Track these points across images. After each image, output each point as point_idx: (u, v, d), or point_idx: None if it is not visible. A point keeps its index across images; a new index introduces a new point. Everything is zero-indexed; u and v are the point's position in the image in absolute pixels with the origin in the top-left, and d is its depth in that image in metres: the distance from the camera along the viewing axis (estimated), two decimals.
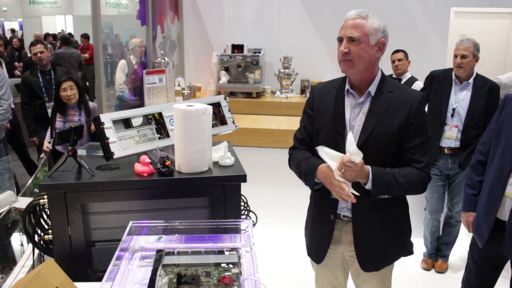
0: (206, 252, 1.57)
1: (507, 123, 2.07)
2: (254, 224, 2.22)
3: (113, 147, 1.85)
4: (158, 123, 2.04)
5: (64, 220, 1.80)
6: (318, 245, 2.10)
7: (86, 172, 1.86)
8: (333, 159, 1.79)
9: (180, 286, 1.37)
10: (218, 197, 1.91)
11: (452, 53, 3.39)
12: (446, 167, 3.46)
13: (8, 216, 2.49)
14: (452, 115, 3.36)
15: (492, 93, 3.31)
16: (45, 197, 1.87)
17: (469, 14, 5.85)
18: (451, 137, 3.39)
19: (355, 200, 1.76)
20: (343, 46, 1.82)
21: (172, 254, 1.55)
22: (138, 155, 1.93)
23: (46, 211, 1.95)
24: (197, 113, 1.85)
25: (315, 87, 2.09)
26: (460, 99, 3.36)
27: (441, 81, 3.46)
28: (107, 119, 1.87)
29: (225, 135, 2.29)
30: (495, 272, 2.32)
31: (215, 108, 2.33)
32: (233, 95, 5.47)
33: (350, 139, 1.74)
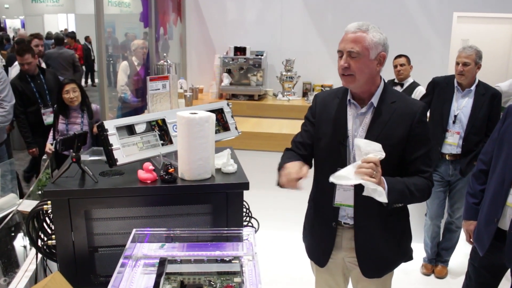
0: (209, 261, 1.58)
1: (509, 134, 2.08)
2: (256, 231, 2.23)
3: (116, 154, 1.85)
4: (161, 129, 2.05)
5: (67, 226, 1.80)
6: (320, 251, 2.11)
7: (89, 178, 1.87)
8: (349, 172, 1.74)
9: None
10: (220, 204, 1.92)
11: (455, 58, 3.40)
12: (447, 173, 3.47)
13: (11, 219, 2.50)
14: (454, 122, 3.38)
15: (494, 101, 3.32)
16: (49, 202, 1.89)
17: (471, 19, 5.86)
18: (452, 143, 3.40)
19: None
20: (343, 60, 1.82)
21: (175, 262, 1.56)
22: (141, 161, 1.95)
23: (50, 216, 1.97)
24: (200, 121, 1.85)
25: (319, 95, 2.11)
26: (462, 106, 3.37)
27: (443, 88, 3.47)
28: (110, 125, 1.88)
29: (228, 139, 2.30)
30: (495, 281, 2.33)
31: (218, 114, 2.34)
32: (235, 97, 5.49)
33: (362, 141, 1.74)
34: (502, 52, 6.65)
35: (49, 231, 2.00)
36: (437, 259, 3.73)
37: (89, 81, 13.81)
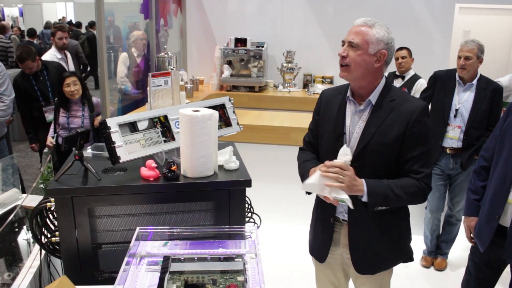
0: (212, 259, 1.59)
1: (511, 131, 2.08)
2: (258, 227, 2.24)
3: (119, 152, 1.86)
4: (164, 126, 2.06)
5: (71, 224, 1.82)
6: (320, 246, 2.13)
7: (92, 176, 1.87)
8: (317, 179, 1.80)
9: None
10: (223, 201, 1.93)
11: (456, 49, 3.38)
12: (448, 167, 3.48)
13: (14, 214, 2.51)
14: (455, 116, 3.37)
15: (496, 95, 3.32)
16: (52, 200, 1.90)
17: (473, 10, 5.84)
18: (453, 137, 3.40)
19: (337, 203, 1.80)
20: (342, 49, 1.86)
21: (179, 260, 1.57)
22: (144, 158, 1.95)
23: (53, 213, 1.98)
24: (203, 119, 1.86)
25: (324, 92, 2.11)
26: (463, 100, 3.36)
27: (444, 82, 3.46)
28: (113, 123, 1.89)
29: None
30: (495, 276, 2.35)
31: (220, 110, 2.34)
32: (235, 89, 5.48)
33: (343, 149, 1.80)
34: (503, 43, 6.63)
35: (52, 227, 2.01)
36: (437, 251, 3.76)
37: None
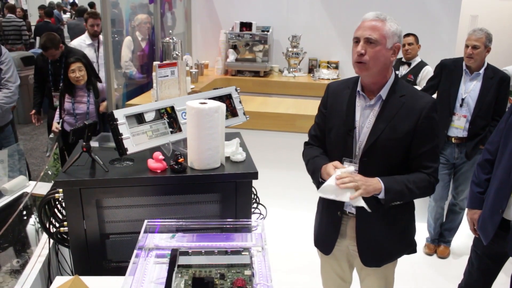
0: (219, 252, 1.61)
1: None
2: (264, 217, 2.26)
3: (126, 143, 1.87)
4: (170, 117, 2.06)
5: (79, 215, 1.84)
6: (326, 239, 2.15)
7: (100, 168, 1.89)
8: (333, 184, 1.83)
9: None
10: (229, 193, 1.95)
11: (463, 35, 3.34)
12: (453, 156, 3.48)
13: (22, 201, 2.54)
14: (461, 105, 3.35)
15: (503, 84, 3.29)
16: (60, 190, 1.92)
17: None
18: (459, 126, 3.39)
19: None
20: (360, 46, 1.81)
21: (186, 254, 1.59)
22: (151, 150, 1.96)
23: (61, 203, 2.00)
24: (210, 112, 1.86)
25: (331, 85, 2.10)
26: (470, 89, 3.34)
27: (451, 70, 3.43)
28: (120, 115, 1.89)
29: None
30: (498, 267, 2.37)
31: (226, 100, 2.34)
32: (240, 73, 5.45)
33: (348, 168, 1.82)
34: (511, 28, 6.55)
35: (60, 217, 2.04)
36: (440, 239, 3.78)
37: None
